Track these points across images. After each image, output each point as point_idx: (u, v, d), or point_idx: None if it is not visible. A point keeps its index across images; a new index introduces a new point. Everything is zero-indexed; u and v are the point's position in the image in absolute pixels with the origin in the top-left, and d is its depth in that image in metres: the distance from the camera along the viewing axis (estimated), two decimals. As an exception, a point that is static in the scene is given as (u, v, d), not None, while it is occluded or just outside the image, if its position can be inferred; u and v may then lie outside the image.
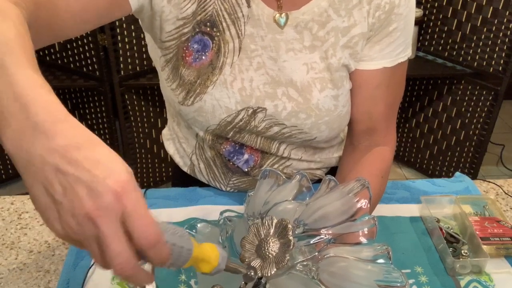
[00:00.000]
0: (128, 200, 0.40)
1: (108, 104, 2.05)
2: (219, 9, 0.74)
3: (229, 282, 0.59)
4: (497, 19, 1.94)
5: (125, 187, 0.40)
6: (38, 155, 0.40)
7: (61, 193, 0.40)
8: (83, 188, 0.39)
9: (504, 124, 3.02)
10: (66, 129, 0.41)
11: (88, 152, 0.40)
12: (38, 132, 0.40)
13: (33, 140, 0.40)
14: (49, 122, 0.41)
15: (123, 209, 0.40)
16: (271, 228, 0.60)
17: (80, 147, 0.40)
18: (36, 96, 0.42)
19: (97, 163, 0.40)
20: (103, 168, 0.40)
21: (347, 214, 0.64)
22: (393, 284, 0.58)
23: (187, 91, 0.78)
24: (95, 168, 0.40)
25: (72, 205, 0.40)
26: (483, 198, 0.93)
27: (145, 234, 0.41)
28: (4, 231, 0.84)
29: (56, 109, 0.42)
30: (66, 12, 0.63)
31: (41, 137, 0.40)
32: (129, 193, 0.40)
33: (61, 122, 0.41)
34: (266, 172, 0.74)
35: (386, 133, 0.87)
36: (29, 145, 0.40)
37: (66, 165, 0.40)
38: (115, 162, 0.41)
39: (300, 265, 0.61)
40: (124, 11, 0.70)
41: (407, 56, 0.82)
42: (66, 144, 0.40)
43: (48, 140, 0.40)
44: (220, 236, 0.70)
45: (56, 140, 0.40)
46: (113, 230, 0.40)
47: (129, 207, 0.40)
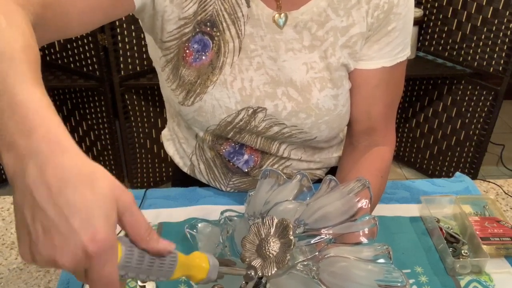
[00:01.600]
0: (96, 262, 0.41)
1: (108, 104, 2.05)
2: (219, 9, 0.74)
3: (230, 282, 0.59)
4: (497, 19, 1.94)
5: (98, 245, 0.40)
6: (28, 185, 0.40)
7: (38, 233, 0.40)
8: (58, 238, 0.39)
9: (504, 124, 3.02)
10: (60, 162, 0.40)
11: (73, 195, 0.40)
12: (33, 161, 0.40)
13: (26, 168, 0.40)
14: (45, 153, 0.40)
15: (88, 266, 0.41)
16: (272, 228, 0.60)
17: (67, 186, 0.40)
18: (38, 121, 0.41)
19: (78, 212, 0.39)
20: (81, 219, 0.40)
21: (347, 214, 0.64)
22: (394, 284, 0.58)
23: (187, 91, 0.78)
24: (74, 217, 0.39)
25: (44, 250, 0.40)
26: (483, 198, 0.93)
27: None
28: (4, 231, 0.84)
29: (57, 137, 0.41)
30: (73, 12, 0.63)
31: (34, 167, 0.40)
32: (99, 255, 0.40)
33: (57, 153, 0.41)
34: (266, 172, 0.74)
35: (386, 133, 0.87)
36: (23, 170, 0.40)
37: (49, 206, 0.39)
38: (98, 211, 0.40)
39: (300, 265, 0.61)
40: (128, 9, 0.70)
41: (406, 56, 0.82)
42: (55, 182, 0.40)
43: (40, 172, 0.40)
44: (220, 236, 0.70)
45: (47, 175, 0.40)
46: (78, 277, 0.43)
47: (94, 269, 0.41)
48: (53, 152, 0.40)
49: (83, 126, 2.24)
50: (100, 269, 0.41)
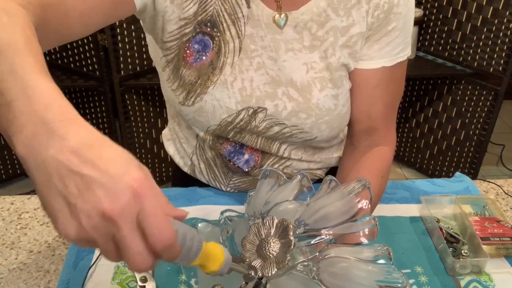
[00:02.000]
0: (146, 198, 0.40)
1: (108, 104, 2.05)
2: (219, 9, 0.74)
3: (230, 282, 0.59)
4: (497, 19, 1.94)
5: (143, 184, 0.40)
6: (51, 156, 0.40)
7: (76, 194, 0.39)
8: (100, 188, 0.39)
9: (504, 124, 3.02)
10: (79, 131, 0.41)
11: (102, 152, 0.40)
12: (51, 135, 0.40)
13: (46, 143, 0.40)
14: (61, 125, 0.41)
15: (140, 208, 0.40)
16: (272, 228, 0.60)
17: (93, 147, 0.40)
18: (49, 101, 0.42)
19: (112, 162, 0.40)
20: (118, 166, 0.40)
21: (348, 214, 0.64)
22: (394, 285, 0.58)
23: (187, 92, 0.78)
24: (110, 166, 0.39)
25: (89, 206, 0.39)
26: (483, 198, 0.93)
27: (160, 237, 0.41)
28: (4, 231, 0.84)
29: (68, 113, 0.42)
30: (73, 13, 0.63)
31: (54, 139, 0.40)
32: (147, 191, 0.40)
33: (73, 125, 0.41)
34: (267, 172, 0.74)
35: (386, 133, 0.87)
36: (42, 147, 0.40)
37: (81, 165, 0.39)
38: (130, 160, 0.41)
39: (300, 265, 0.61)
40: (129, 10, 0.70)
41: (406, 56, 0.82)
42: (79, 145, 0.40)
43: (61, 142, 0.40)
44: (220, 236, 0.70)
45: (69, 141, 0.40)
46: (131, 231, 0.40)
47: (146, 206, 0.40)
48: (71, 125, 0.41)
49: (83, 126, 2.24)
50: (154, 202, 0.40)
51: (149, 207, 0.40)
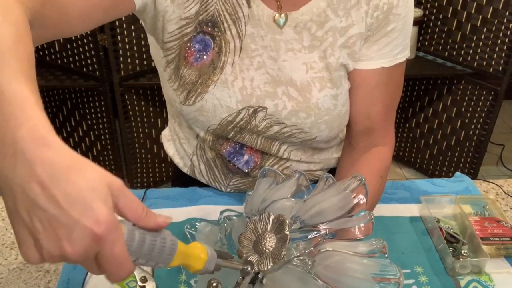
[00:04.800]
0: (105, 242, 0.41)
1: (108, 104, 2.05)
2: (220, 9, 0.74)
3: (227, 278, 0.59)
4: (497, 19, 1.94)
5: (103, 226, 0.40)
6: (18, 184, 0.40)
7: (40, 231, 0.40)
8: (62, 229, 0.40)
9: (504, 124, 3.02)
10: (48, 157, 0.40)
11: (66, 187, 0.40)
12: (20, 159, 0.40)
13: (14, 167, 0.40)
14: (32, 148, 0.40)
15: (99, 249, 0.41)
16: (268, 224, 0.61)
17: (59, 178, 0.40)
18: (22, 118, 0.41)
19: (75, 201, 0.40)
20: (81, 206, 0.40)
21: (343, 210, 0.64)
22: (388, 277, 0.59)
23: (188, 91, 0.78)
24: (73, 207, 0.39)
25: (50, 245, 0.40)
26: (483, 198, 0.93)
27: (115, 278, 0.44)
28: (4, 231, 0.84)
29: (41, 131, 0.41)
30: (72, 10, 0.63)
31: (22, 165, 0.40)
32: (107, 233, 0.41)
33: (43, 148, 0.40)
34: (265, 171, 0.75)
35: (385, 133, 0.87)
36: (10, 171, 0.40)
37: (45, 201, 0.39)
38: (96, 195, 0.41)
39: (296, 259, 0.61)
40: (128, 9, 0.70)
41: (405, 57, 0.82)
42: (45, 176, 0.39)
43: (28, 170, 0.39)
44: (219, 235, 0.70)
45: (36, 169, 0.39)
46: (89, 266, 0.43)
47: (105, 250, 0.42)
48: (39, 148, 0.40)
49: (83, 126, 2.24)
50: (112, 248, 0.42)
51: (107, 251, 0.42)
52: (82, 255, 0.41)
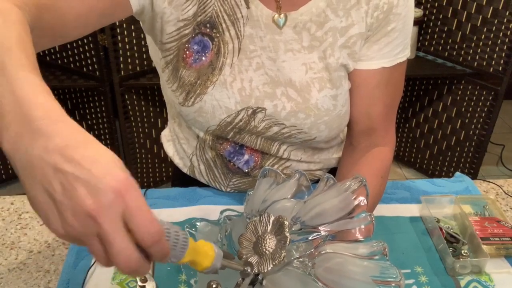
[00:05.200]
0: (129, 197, 0.41)
1: (108, 104, 2.05)
2: (218, 10, 0.74)
3: (227, 279, 0.59)
4: (497, 19, 1.94)
5: (125, 185, 0.41)
6: (37, 155, 0.40)
7: (61, 192, 0.40)
8: (83, 187, 0.39)
9: (504, 124, 3.02)
10: (64, 130, 0.41)
11: (86, 151, 0.41)
12: (36, 134, 0.41)
13: (31, 141, 0.41)
14: (47, 123, 0.41)
15: (124, 206, 0.40)
16: (269, 225, 0.61)
17: (78, 146, 0.41)
18: (35, 99, 0.42)
19: (96, 162, 0.40)
20: (102, 167, 0.40)
21: (344, 211, 0.64)
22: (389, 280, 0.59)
23: (187, 92, 0.78)
24: (94, 166, 0.40)
25: (72, 204, 0.40)
26: (483, 198, 0.93)
27: (148, 232, 0.41)
28: (4, 231, 0.84)
29: (54, 111, 0.42)
30: (69, 14, 0.63)
31: (39, 138, 0.40)
32: (130, 191, 0.41)
33: (58, 123, 0.42)
34: (265, 171, 0.75)
35: (385, 133, 0.87)
36: (28, 146, 0.41)
37: (65, 163, 0.40)
38: (113, 161, 0.41)
39: (296, 261, 0.61)
40: (126, 12, 0.70)
41: (406, 57, 0.82)
42: (64, 144, 0.40)
43: (46, 141, 0.40)
44: (219, 235, 0.70)
45: (54, 140, 0.40)
46: (115, 228, 0.40)
47: (131, 204, 0.41)
48: (56, 123, 0.41)
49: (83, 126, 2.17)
50: (138, 200, 0.41)
51: (133, 205, 0.41)
52: (106, 210, 0.39)
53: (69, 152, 0.40)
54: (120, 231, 0.40)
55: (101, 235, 0.40)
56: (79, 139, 0.41)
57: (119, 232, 0.40)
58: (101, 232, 0.40)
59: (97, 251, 0.42)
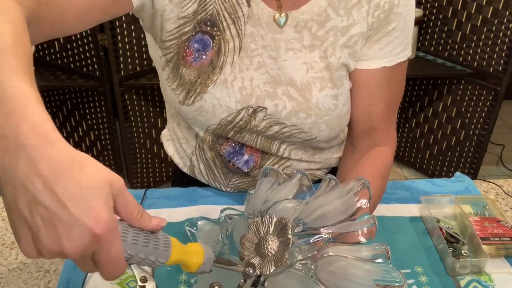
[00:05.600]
0: (103, 242, 0.42)
1: (108, 104, 2.05)
2: (219, 8, 0.74)
3: (229, 280, 0.59)
4: (497, 19, 1.94)
5: (101, 227, 0.41)
6: (21, 179, 0.40)
7: (40, 227, 0.40)
8: (62, 227, 0.40)
9: (504, 124, 3.02)
10: (51, 154, 0.40)
11: (68, 185, 0.40)
12: (22, 155, 0.40)
13: (15, 163, 0.40)
14: (34, 144, 0.40)
15: (96, 248, 0.42)
16: (271, 227, 0.61)
17: (61, 177, 0.40)
18: (24, 114, 0.41)
19: (76, 200, 0.40)
20: (81, 205, 0.40)
21: (346, 213, 0.64)
22: (392, 284, 0.58)
23: (187, 91, 0.78)
24: (73, 205, 0.40)
25: (49, 242, 0.41)
26: (483, 198, 0.93)
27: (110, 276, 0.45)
28: (4, 231, 0.84)
29: (43, 128, 0.41)
30: (69, 9, 0.62)
31: (25, 161, 0.40)
32: (105, 233, 0.41)
33: (45, 146, 0.41)
34: (266, 171, 0.74)
35: (386, 133, 0.87)
36: (12, 166, 0.40)
37: (46, 197, 0.40)
38: (95, 195, 0.41)
39: (299, 263, 0.61)
40: (126, 8, 0.70)
41: (406, 56, 0.82)
42: (48, 173, 0.40)
43: (31, 166, 0.40)
44: (220, 234, 0.70)
45: (39, 167, 0.40)
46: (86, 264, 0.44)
47: (101, 251, 0.42)
48: (42, 144, 0.41)
49: (83, 126, 2.24)
50: (109, 249, 0.43)
51: (104, 250, 0.43)
52: (80, 252, 0.41)
53: (51, 184, 0.40)
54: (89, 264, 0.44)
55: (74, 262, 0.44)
56: (64, 163, 0.41)
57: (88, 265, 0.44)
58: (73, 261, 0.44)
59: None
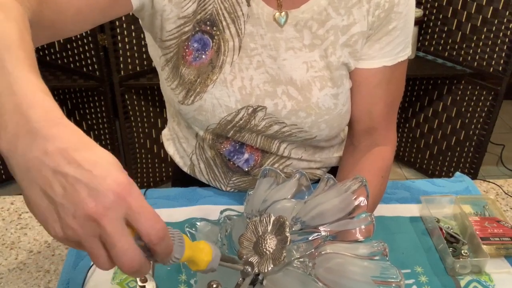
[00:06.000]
0: (131, 198, 0.41)
1: (108, 104, 2.05)
2: (218, 8, 0.74)
3: (227, 279, 0.59)
4: (497, 19, 1.94)
5: (126, 186, 0.41)
6: (35, 157, 0.40)
7: (61, 194, 0.40)
8: (84, 189, 0.39)
9: (504, 124, 3.02)
10: (63, 132, 0.41)
11: (86, 154, 0.41)
12: (34, 136, 0.40)
13: (29, 143, 0.40)
14: (45, 126, 0.41)
15: (126, 207, 0.40)
16: (269, 225, 0.61)
17: (77, 148, 0.41)
18: (34, 100, 0.42)
19: (96, 164, 0.40)
20: (102, 168, 0.40)
21: (344, 211, 0.64)
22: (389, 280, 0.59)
23: (187, 90, 0.78)
24: (94, 168, 0.40)
25: (74, 206, 0.39)
26: (483, 198, 0.93)
27: (154, 229, 0.42)
28: (4, 231, 0.84)
29: (53, 113, 0.42)
30: (70, 10, 0.63)
31: (37, 140, 0.40)
32: (131, 191, 0.41)
33: (58, 126, 0.41)
34: (265, 171, 0.75)
35: (386, 132, 0.87)
36: (26, 148, 0.40)
37: (66, 165, 0.40)
38: (113, 163, 0.41)
39: (297, 261, 0.61)
40: (125, 9, 0.70)
41: (407, 55, 0.82)
42: (64, 146, 0.40)
43: (45, 143, 0.40)
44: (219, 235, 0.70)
45: (53, 142, 0.40)
46: (118, 229, 0.40)
47: (133, 204, 0.41)
48: (55, 126, 0.41)
49: (83, 126, 2.24)
50: (139, 199, 0.41)
51: (136, 204, 0.41)
52: (106, 212, 0.39)
53: (69, 154, 0.40)
54: (123, 232, 0.41)
55: (104, 237, 0.40)
56: (78, 141, 0.41)
57: (123, 234, 0.41)
58: (104, 234, 0.40)
59: (98, 253, 0.42)
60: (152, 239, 0.42)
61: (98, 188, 0.39)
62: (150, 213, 0.42)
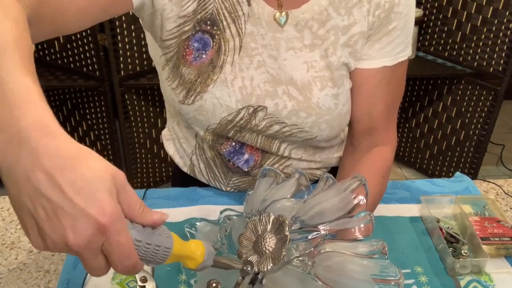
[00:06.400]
0: (111, 232, 0.41)
1: (108, 104, 2.05)
2: (219, 7, 0.74)
3: (227, 278, 0.59)
4: (497, 19, 1.94)
5: (109, 216, 0.41)
6: (22, 172, 0.40)
7: (43, 219, 0.40)
8: (66, 219, 0.40)
9: (504, 124, 3.02)
10: (52, 146, 0.40)
11: (71, 175, 0.40)
12: (24, 148, 0.40)
13: (17, 156, 0.40)
14: (36, 137, 0.40)
15: (104, 240, 0.42)
16: (268, 225, 0.61)
17: (64, 168, 0.40)
18: (25, 105, 0.41)
19: (81, 190, 0.40)
20: (86, 196, 0.40)
21: (344, 210, 0.64)
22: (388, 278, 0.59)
23: (187, 90, 0.78)
24: (78, 195, 0.40)
25: (54, 234, 0.40)
26: (483, 198, 0.93)
27: (122, 265, 0.44)
28: (4, 231, 0.84)
29: (44, 121, 0.42)
30: (70, 7, 0.63)
31: (27, 153, 0.40)
32: (114, 221, 0.41)
33: (47, 137, 0.41)
34: (265, 171, 0.75)
35: (387, 132, 0.87)
36: (13, 160, 0.40)
37: (49, 189, 0.39)
38: (98, 188, 0.41)
39: (296, 260, 0.61)
40: (126, 7, 0.70)
41: (407, 56, 0.82)
42: (50, 165, 0.40)
43: (33, 158, 0.40)
44: (219, 234, 0.70)
45: (41, 159, 0.40)
46: (93, 258, 0.42)
47: (111, 240, 0.42)
48: (44, 137, 0.41)
49: (83, 126, 2.24)
50: (118, 238, 0.42)
51: (113, 239, 0.42)
52: (85, 244, 0.41)
53: (54, 176, 0.40)
54: (98, 259, 0.43)
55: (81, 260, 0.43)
56: (67, 157, 0.41)
57: (98, 260, 0.43)
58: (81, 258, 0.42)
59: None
60: (118, 271, 0.45)
61: (79, 220, 0.40)
62: (125, 249, 0.43)
